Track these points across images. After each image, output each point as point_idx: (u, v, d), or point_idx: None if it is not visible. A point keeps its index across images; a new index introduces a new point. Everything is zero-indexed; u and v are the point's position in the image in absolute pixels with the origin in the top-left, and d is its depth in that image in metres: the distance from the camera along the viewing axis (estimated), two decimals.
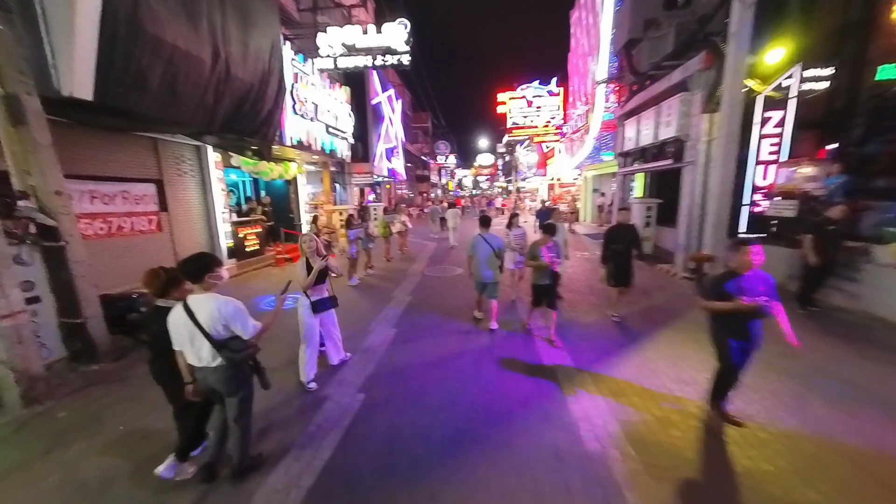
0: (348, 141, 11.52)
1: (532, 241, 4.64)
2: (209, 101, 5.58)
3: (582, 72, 14.96)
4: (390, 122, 18.58)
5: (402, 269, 9.22)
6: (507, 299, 6.11)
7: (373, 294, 7.00)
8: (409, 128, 31.07)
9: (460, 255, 10.60)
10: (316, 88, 8.90)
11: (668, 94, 7.98)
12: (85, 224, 5.60)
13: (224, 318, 2.14)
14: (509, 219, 6.10)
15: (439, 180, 45.51)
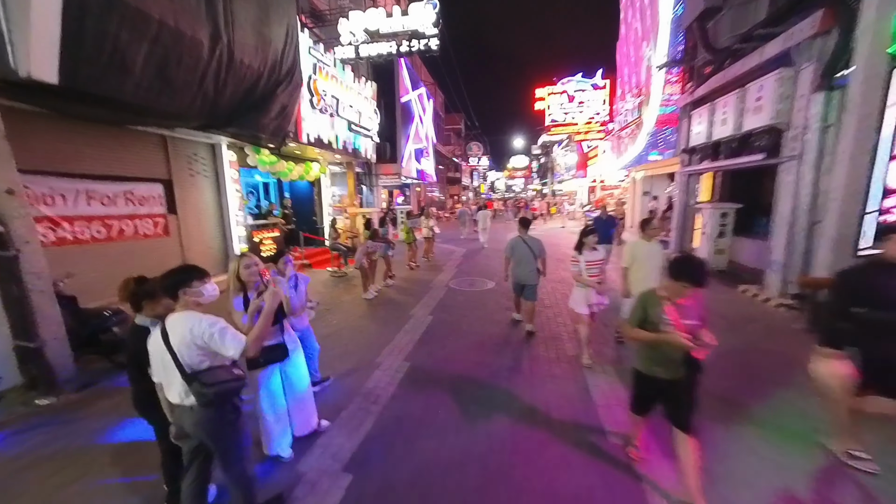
0: (373, 140, 10.79)
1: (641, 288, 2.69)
2: (209, 90, 4.93)
3: (633, 60, 13.29)
4: (420, 121, 17.82)
5: (426, 279, 8.25)
6: (577, 362, 4.03)
7: (389, 311, 6.06)
8: (440, 129, 30.35)
9: (490, 265, 9.46)
10: (337, 82, 8.22)
11: (756, 73, 6.38)
12: (80, 227, 5.15)
13: (198, 340, 1.77)
14: (580, 237, 4.02)
15: (471, 183, 44.46)
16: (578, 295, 4.04)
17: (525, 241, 4.80)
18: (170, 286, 1.87)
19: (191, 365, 1.78)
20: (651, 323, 2.13)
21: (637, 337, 2.20)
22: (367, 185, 14.67)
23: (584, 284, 3.97)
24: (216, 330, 1.79)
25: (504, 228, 19.10)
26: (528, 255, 4.75)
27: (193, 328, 1.77)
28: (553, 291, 7.08)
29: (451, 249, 12.58)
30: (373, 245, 6.74)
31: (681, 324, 2.05)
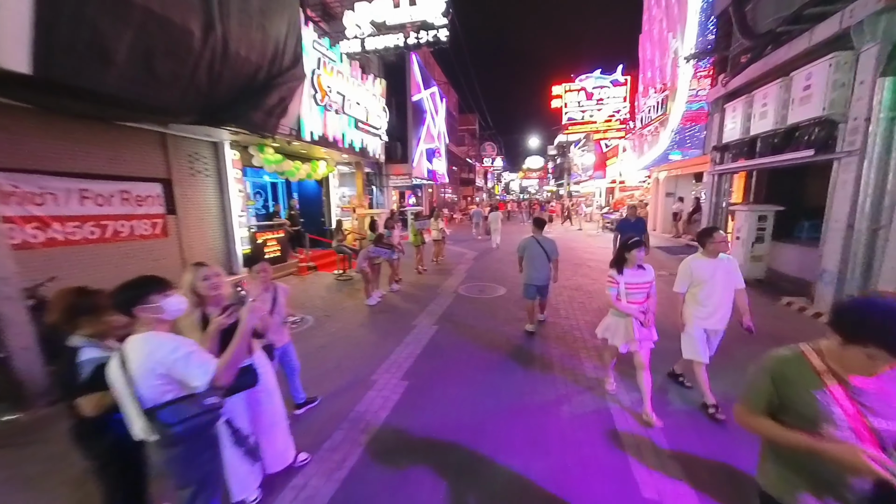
0: (382, 139, 10.46)
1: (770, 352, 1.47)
2: (202, 83, 4.65)
3: (657, 53, 12.54)
4: (432, 121, 17.46)
5: (434, 284, 7.82)
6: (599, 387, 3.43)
7: (391, 320, 5.65)
8: (454, 130, 29.97)
9: (502, 269, 8.95)
10: (343, 78, 7.90)
11: (804, 59, 5.68)
12: (72, 228, 4.96)
13: (159, 366, 1.50)
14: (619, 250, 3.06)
15: (485, 184, 43.88)
16: (615, 325, 3.07)
17: (539, 241, 4.73)
18: (121, 303, 1.59)
19: (151, 397, 1.50)
20: (796, 413, 1.18)
21: (768, 435, 1.24)
22: (376, 185, 14.38)
23: (622, 313, 3.00)
24: (180, 354, 1.52)
25: (518, 231, 18.50)
26: (541, 255, 4.68)
27: (154, 352, 1.51)
28: (570, 300, 6.52)
29: (462, 252, 12.11)
30: (375, 251, 6.35)
31: (865, 425, 1.09)
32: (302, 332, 5.19)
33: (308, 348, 4.60)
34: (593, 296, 6.76)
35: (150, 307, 1.58)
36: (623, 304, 2.96)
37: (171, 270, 6.53)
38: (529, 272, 4.75)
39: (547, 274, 4.73)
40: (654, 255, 11.10)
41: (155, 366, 1.50)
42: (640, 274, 2.99)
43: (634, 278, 2.97)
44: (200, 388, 1.55)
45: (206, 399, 1.60)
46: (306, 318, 5.73)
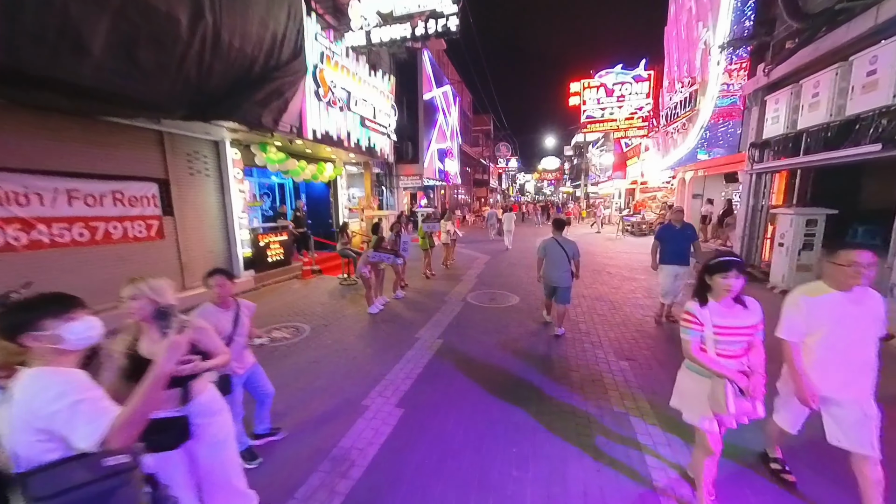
0: (390, 138, 10.07)
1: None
2: (191, 75, 4.34)
3: (685, 45, 11.72)
4: (445, 120, 17.02)
5: (442, 291, 7.34)
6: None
7: (392, 331, 5.21)
8: (468, 130, 29.50)
9: (515, 275, 8.40)
10: (349, 73, 7.53)
11: (869, 39, 4.94)
12: (59, 229, 4.73)
13: (38, 419, 1.11)
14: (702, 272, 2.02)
15: (499, 185, 43.20)
16: (696, 390, 2.02)
17: (559, 242, 4.72)
18: (6, 329, 1.23)
19: (27, 457, 1.12)
20: None
21: None
22: (386, 186, 14.04)
23: (708, 372, 1.94)
24: (64, 405, 1.14)
25: (533, 234, 17.84)
26: (562, 256, 4.67)
27: (31, 400, 1.15)
28: (590, 311, 5.92)
29: (474, 256, 11.60)
30: (375, 255, 5.92)
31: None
32: (296, 343, 4.81)
33: (299, 363, 4.20)
34: (615, 306, 6.14)
35: (44, 335, 1.21)
36: (710, 358, 1.92)
37: (168, 274, 6.28)
38: (549, 273, 4.80)
39: (567, 276, 4.69)
40: None
41: (30, 418, 1.13)
42: (737, 312, 1.93)
43: (729, 318, 1.92)
44: (88, 449, 1.15)
45: (106, 460, 1.18)
46: (303, 328, 5.35)
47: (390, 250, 6.04)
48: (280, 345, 4.75)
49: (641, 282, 7.88)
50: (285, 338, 4.98)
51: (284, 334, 5.10)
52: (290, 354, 4.46)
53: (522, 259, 11.10)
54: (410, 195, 18.22)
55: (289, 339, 4.92)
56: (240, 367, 2.52)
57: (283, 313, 6.00)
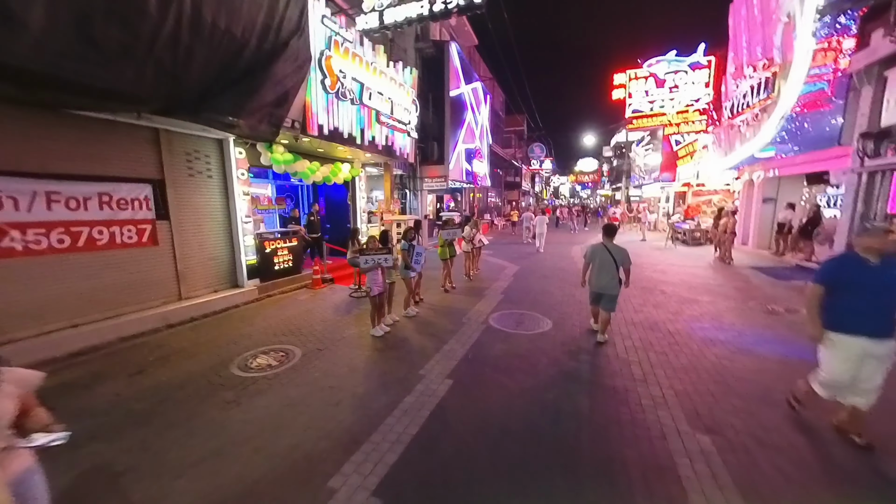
0: (410, 135, 9.26)
1: None
2: (165, 60, 3.72)
3: (758, 21, 9.92)
4: (474, 119, 16.05)
5: (461, 309, 6.36)
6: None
7: (394, 363, 4.30)
8: (499, 130, 28.35)
9: (548, 291, 7.22)
10: (362, 62, 6.76)
11: None
12: (35, 235, 4.30)
13: None
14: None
15: (532, 188, 41.45)
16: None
17: (608, 248, 4.61)
18: None
19: None
20: None
21: None
22: (410, 189, 13.31)
23: None
24: None
25: (569, 241, 16.36)
26: (610, 263, 4.55)
27: None
28: (643, 347, 4.66)
29: (502, 266, 10.50)
30: (365, 260, 4.96)
31: None
32: (279, 373, 4.04)
33: (272, 406, 3.41)
34: (677, 341, 4.84)
35: None
36: None
37: (162, 283, 5.85)
38: (596, 279, 4.65)
39: (614, 283, 4.53)
40: (748, 277, 8.57)
41: None
42: None
43: None
44: None
45: None
46: (293, 353, 4.60)
47: (381, 250, 5.08)
48: (261, 375, 4.01)
49: (706, 306, 6.42)
50: (269, 366, 4.24)
51: (270, 361, 4.36)
52: (266, 391, 3.69)
53: (556, 270, 9.84)
54: (436, 198, 17.41)
55: (272, 369, 4.17)
56: (13, 467, 1.54)
57: (278, 331, 5.31)
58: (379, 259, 5.05)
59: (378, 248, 5.12)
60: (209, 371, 4.09)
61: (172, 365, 4.23)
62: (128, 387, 3.74)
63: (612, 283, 4.51)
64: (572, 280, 8.49)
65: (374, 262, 5.02)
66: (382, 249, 5.13)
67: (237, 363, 4.29)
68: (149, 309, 5.33)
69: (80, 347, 4.46)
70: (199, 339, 4.97)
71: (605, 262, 4.54)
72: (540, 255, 12.51)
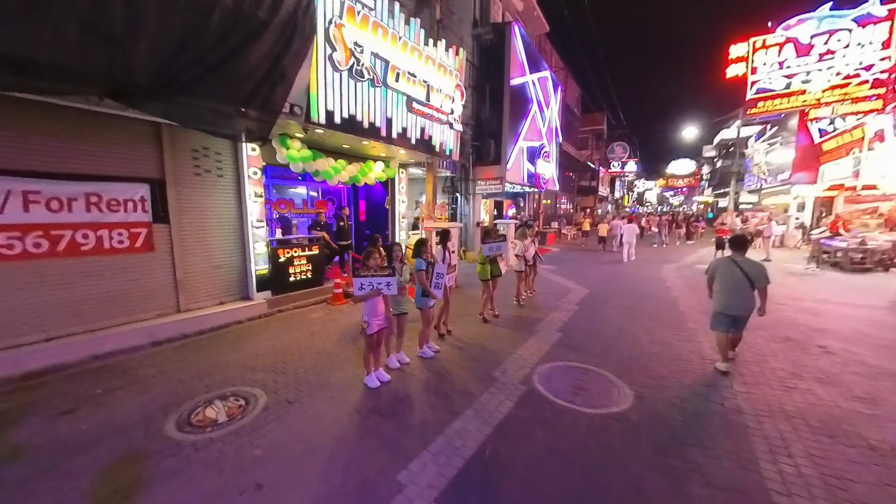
0: (454, 128, 7.81)
1: None
2: (103, 24, 2.85)
3: None
4: (541, 114, 14.01)
5: (498, 351, 4.68)
6: None
7: (372, 450, 2.83)
8: (573, 129, 25.48)
9: (628, 332, 5.00)
10: (387, 34, 5.46)
11: None
12: (9, 239, 3.88)
13: None
14: None
15: (610, 193, 36.88)
16: None
17: (738, 264, 3.90)
18: None
19: None
20: None
21: None
22: (461, 192, 11.88)
23: None
24: None
25: (656, 256, 13.24)
26: (742, 281, 3.84)
27: None
28: (818, 473, 2.42)
29: (566, 287, 8.41)
30: (362, 284, 3.59)
31: None
32: (217, 440, 2.89)
33: None
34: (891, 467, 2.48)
35: None
36: None
37: (158, 293, 5.29)
38: (723, 299, 3.97)
39: (748, 304, 3.86)
40: None
41: None
42: None
43: None
44: None
45: None
46: (255, 401, 3.47)
47: (383, 270, 3.67)
48: (193, 439, 2.90)
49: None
50: (214, 423, 3.13)
51: (220, 414, 3.27)
52: (180, 472, 2.54)
53: (641, 297, 7.43)
54: (494, 203, 15.69)
55: (215, 429, 3.05)
56: None
57: (261, 363, 4.28)
58: (379, 284, 3.67)
59: (379, 267, 3.74)
60: (142, 421, 3.12)
61: (113, 404, 3.39)
62: (38, 434, 2.93)
63: (746, 304, 3.87)
64: (666, 316, 6.13)
65: (373, 287, 3.65)
66: (384, 269, 3.73)
67: (181, 412, 3.26)
68: (136, 322, 4.75)
69: (42, 366, 3.92)
70: (168, 367, 4.16)
71: (736, 280, 3.87)
72: (620, 273, 10.05)
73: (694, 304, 6.76)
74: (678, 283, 8.83)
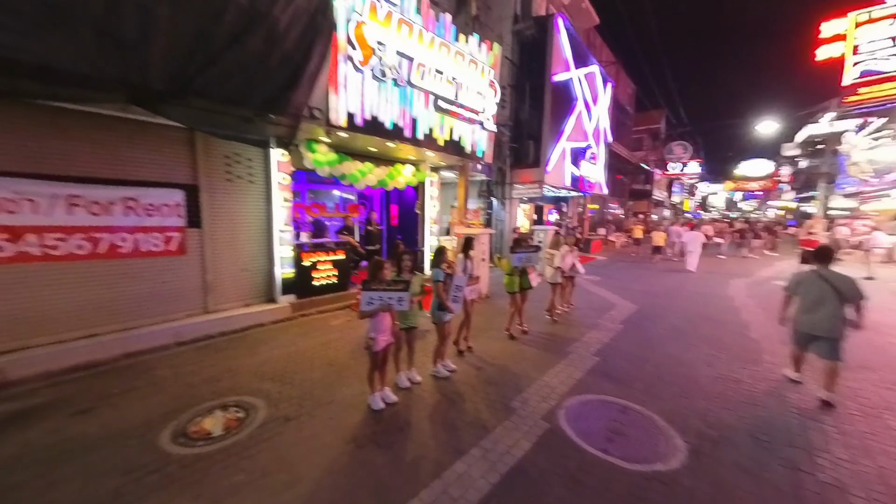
0: (486, 128, 7.34)
1: None
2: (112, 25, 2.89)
3: None
4: (587, 112, 13.02)
5: (523, 374, 4.16)
6: None
7: (360, 487, 2.50)
8: (625, 129, 23.68)
9: (684, 366, 4.12)
10: (412, 31, 5.18)
11: None
12: (54, 240, 4.17)
13: None
14: None
15: (668, 197, 33.73)
16: None
17: (825, 277, 3.52)
18: None
19: None
20: None
21: None
22: (497, 196, 11.35)
23: None
24: None
25: (722, 270, 11.58)
26: (830, 296, 3.45)
27: None
28: None
29: (609, 301, 7.55)
30: (371, 297, 3.28)
31: None
32: (206, 456, 2.76)
33: None
34: None
35: None
36: None
37: (187, 294, 5.49)
38: (805, 317, 3.61)
39: (838, 324, 3.40)
40: None
41: None
42: None
43: None
44: None
45: None
46: (254, 414, 3.32)
47: (395, 284, 3.33)
48: (184, 454, 2.79)
49: None
50: (208, 436, 3.01)
51: (217, 427, 3.15)
52: (162, 489, 2.40)
53: (698, 318, 6.38)
54: (535, 207, 14.88)
55: (208, 443, 2.92)
56: None
57: (270, 372, 4.18)
58: (390, 299, 3.35)
59: (390, 282, 3.42)
60: (143, 427, 3.10)
61: (124, 406, 3.43)
62: (49, 434, 3.00)
63: (834, 325, 3.43)
64: (733, 344, 5.14)
65: (384, 302, 3.34)
66: (396, 284, 3.40)
67: (180, 421, 3.20)
68: (164, 323, 4.92)
69: (78, 362, 4.14)
70: (184, 369, 4.21)
71: (822, 294, 3.49)
72: (676, 288, 8.89)
73: (771, 332, 5.59)
74: (750, 304, 7.52)
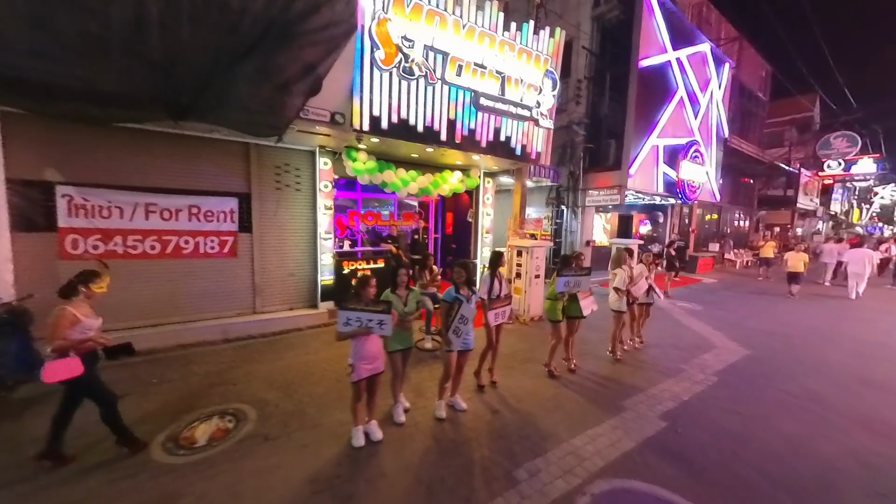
0: (542, 125, 6.33)
1: None
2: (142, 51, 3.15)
3: None
4: (690, 102, 10.65)
5: (551, 434, 3.28)
6: None
7: None
8: (755, 120, 19.08)
9: (809, 460, 2.65)
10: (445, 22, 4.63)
11: None
12: (133, 242, 4.89)
13: None
14: None
15: (823, 206, 25.97)
16: None
17: None
18: None
19: None
20: None
21: None
22: (567, 204, 10.02)
23: None
24: None
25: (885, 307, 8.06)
26: None
27: None
28: None
29: (706, 340, 5.80)
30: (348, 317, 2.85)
31: None
32: (180, 468, 2.71)
33: None
34: None
35: None
36: None
37: (238, 294, 5.93)
38: None
39: None
40: None
41: None
42: None
43: None
44: None
45: None
46: (244, 427, 3.24)
47: (375, 305, 2.86)
48: (167, 462, 2.80)
49: None
50: (191, 447, 2.99)
51: (204, 437, 3.13)
52: (127, 495, 2.39)
53: (853, 382, 4.29)
54: (621, 218, 12.82)
55: (189, 453, 2.90)
56: None
57: (281, 380, 4.15)
58: (369, 321, 2.93)
59: (369, 301, 3.00)
60: (148, 425, 3.24)
61: (150, 399, 3.71)
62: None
63: None
64: None
65: (361, 324, 2.94)
66: (375, 305, 2.97)
67: (179, 425, 3.28)
68: (215, 319, 5.38)
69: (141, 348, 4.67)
70: (215, 367, 4.45)
71: None
72: (819, 328, 6.45)
73: None
74: None
